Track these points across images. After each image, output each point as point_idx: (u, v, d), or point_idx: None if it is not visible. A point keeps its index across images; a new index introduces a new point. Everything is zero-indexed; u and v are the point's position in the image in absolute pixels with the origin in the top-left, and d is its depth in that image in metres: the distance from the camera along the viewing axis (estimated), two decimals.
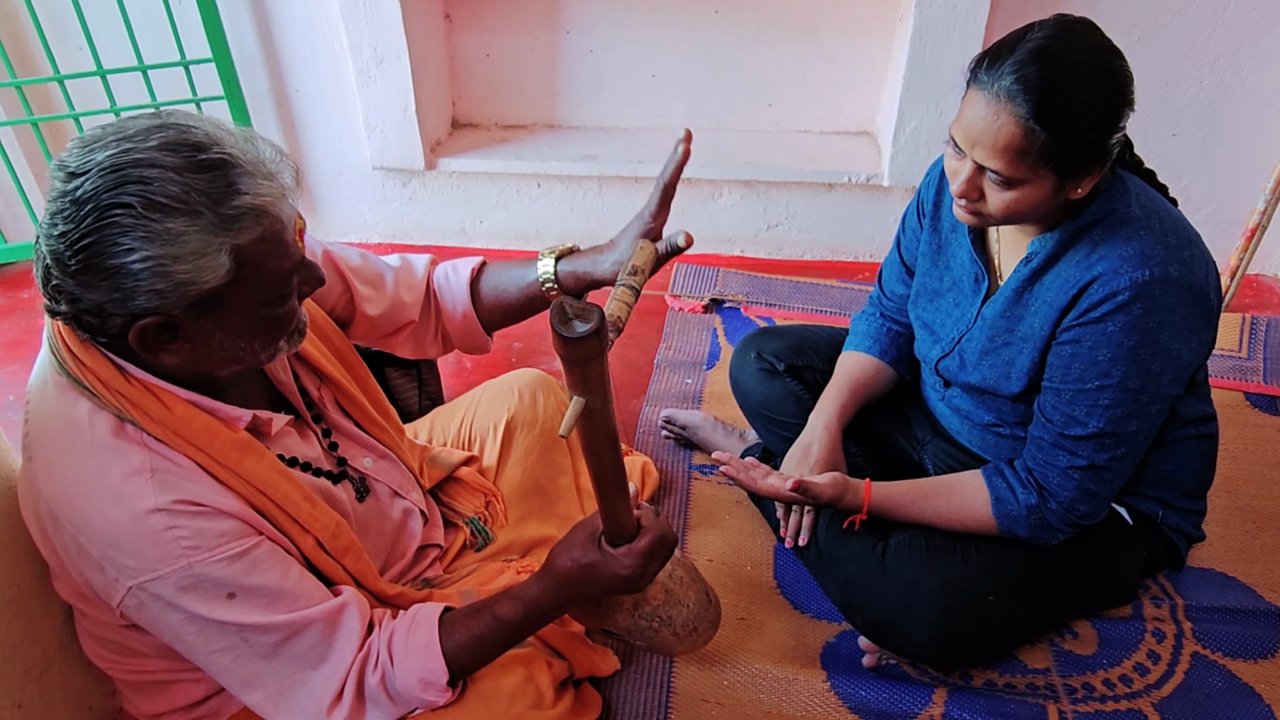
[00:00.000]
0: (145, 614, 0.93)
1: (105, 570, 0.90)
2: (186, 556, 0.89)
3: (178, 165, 0.80)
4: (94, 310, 0.84)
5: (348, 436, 1.18)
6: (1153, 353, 1.14)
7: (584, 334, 0.71)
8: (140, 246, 0.79)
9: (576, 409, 0.78)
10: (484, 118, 2.64)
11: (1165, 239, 1.14)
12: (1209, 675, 1.40)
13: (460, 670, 1.04)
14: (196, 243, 0.81)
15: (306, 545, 1.02)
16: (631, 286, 0.89)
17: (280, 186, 0.86)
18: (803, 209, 2.50)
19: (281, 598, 0.95)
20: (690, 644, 1.19)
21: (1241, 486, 1.74)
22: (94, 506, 0.89)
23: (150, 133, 0.81)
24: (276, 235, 0.87)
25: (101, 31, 2.21)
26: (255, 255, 0.85)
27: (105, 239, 0.79)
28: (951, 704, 1.35)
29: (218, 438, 0.95)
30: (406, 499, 1.25)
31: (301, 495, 1.01)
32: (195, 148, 0.82)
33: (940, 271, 1.39)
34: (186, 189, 0.80)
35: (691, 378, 2.08)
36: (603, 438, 0.87)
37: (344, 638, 1.00)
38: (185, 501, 0.90)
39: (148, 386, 0.92)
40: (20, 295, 2.43)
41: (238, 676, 0.97)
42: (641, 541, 1.03)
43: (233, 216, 0.82)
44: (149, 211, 0.79)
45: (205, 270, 0.82)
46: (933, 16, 2.10)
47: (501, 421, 1.47)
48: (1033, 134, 1.05)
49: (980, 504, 1.31)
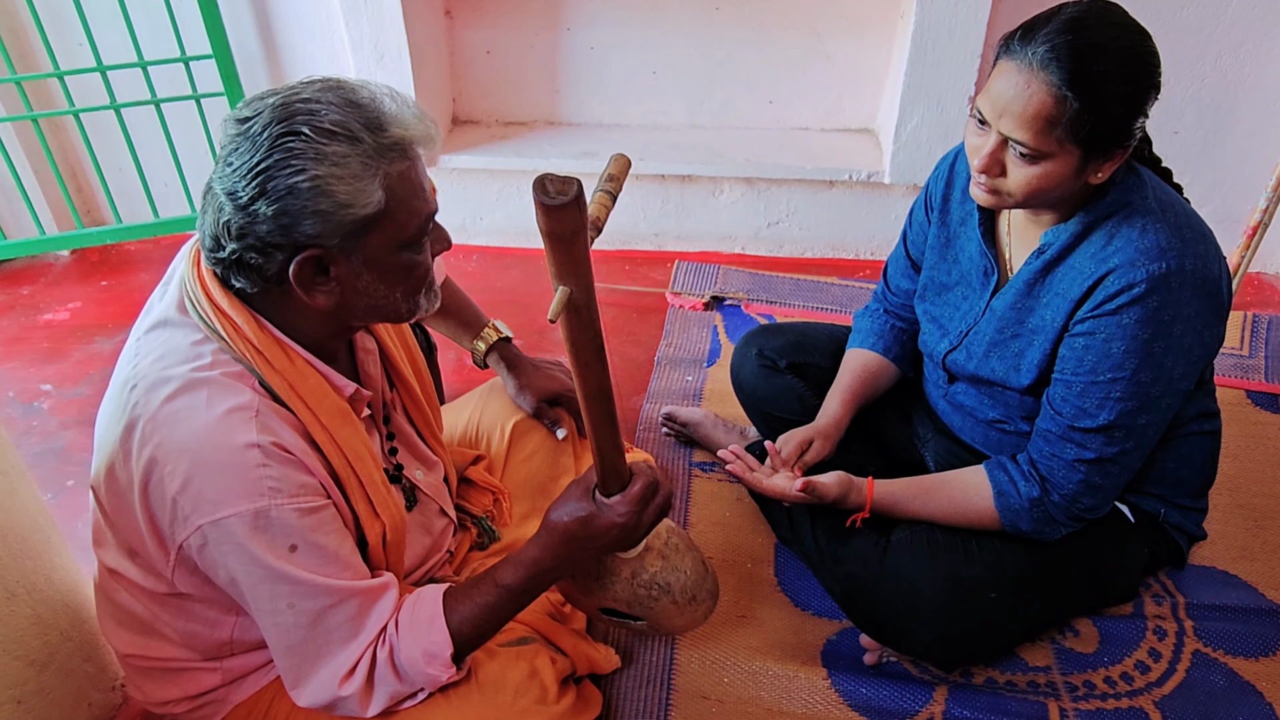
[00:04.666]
0: (206, 555, 0.95)
1: (179, 504, 0.92)
2: (269, 497, 0.92)
3: (338, 102, 0.90)
4: (259, 245, 0.90)
5: (407, 445, 1.21)
6: (1166, 346, 1.14)
7: (564, 202, 0.75)
8: (310, 166, 0.87)
9: (563, 297, 0.81)
10: (484, 115, 2.64)
11: (1181, 232, 1.14)
12: (1210, 673, 1.40)
13: (464, 642, 1.04)
14: (356, 166, 0.89)
15: (374, 532, 1.05)
16: (608, 191, 0.92)
17: (424, 129, 0.95)
18: (803, 206, 2.50)
19: (335, 561, 0.98)
20: (690, 615, 1.19)
21: (1243, 484, 1.74)
22: (194, 431, 0.92)
23: (309, 83, 0.92)
24: (417, 176, 0.95)
25: (101, 27, 2.21)
26: (401, 190, 0.93)
27: (279, 162, 0.87)
28: (952, 702, 1.35)
29: (327, 398, 1.01)
30: (448, 515, 1.28)
31: (381, 479, 1.05)
32: (350, 90, 0.92)
33: (948, 265, 1.39)
34: (348, 117, 0.89)
35: (692, 375, 2.08)
36: (589, 340, 0.88)
37: (375, 618, 1.02)
38: (280, 446, 0.94)
39: (277, 339, 0.98)
40: (21, 292, 2.43)
41: (275, 638, 0.99)
42: (634, 488, 1.03)
43: (386, 145, 0.91)
44: (318, 135, 0.87)
45: (362, 194, 0.90)
46: (934, 14, 2.10)
47: (510, 422, 1.48)
48: (1064, 102, 1.05)
49: (983, 498, 1.30)
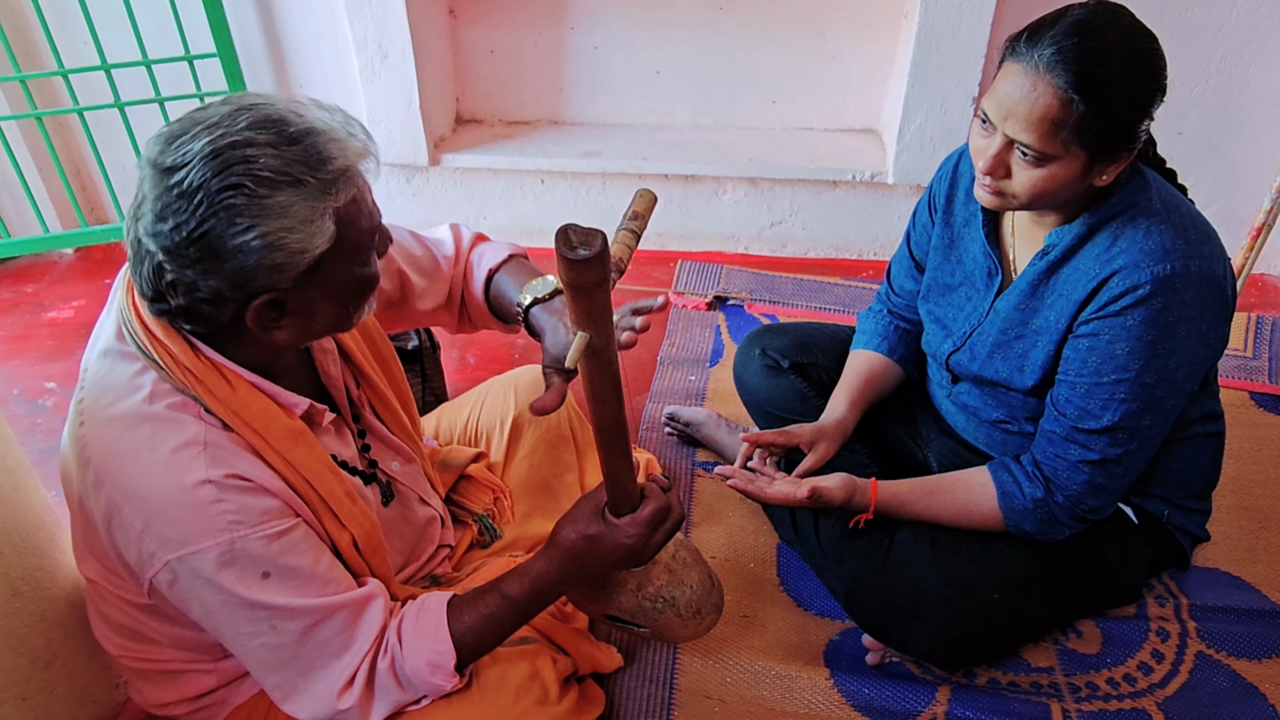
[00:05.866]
0: (177, 590, 0.93)
1: (144, 542, 0.91)
2: (230, 531, 0.90)
3: (272, 141, 0.83)
4: (211, 298, 0.86)
5: (380, 439, 1.19)
6: (1171, 348, 1.14)
7: (587, 257, 0.73)
8: (256, 223, 0.82)
9: (581, 343, 0.80)
10: (488, 114, 2.64)
11: (1185, 234, 1.13)
12: (1213, 675, 1.39)
13: (468, 653, 1.04)
14: (304, 211, 0.84)
15: (343, 541, 1.03)
16: (632, 230, 0.90)
17: (360, 144, 0.89)
18: (807, 206, 2.50)
19: (313, 581, 0.96)
20: (694, 628, 1.19)
21: (1247, 486, 1.73)
22: (143, 475, 0.90)
23: (232, 116, 0.83)
24: (362, 195, 0.91)
25: (106, 26, 2.21)
26: (349, 216, 0.88)
27: (222, 222, 0.81)
28: (955, 702, 1.35)
29: (274, 422, 0.97)
30: (430, 505, 1.26)
31: (344, 491, 1.03)
32: (280, 122, 0.84)
33: (952, 266, 1.39)
34: (286, 161, 0.82)
35: (695, 375, 2.08)
36: (606, 382, 0.88)
37: (366, 627, 1.01)
38: (234, 476, 0.91)
39: (216, 365, 0.94)
40: (24, 290, 2.43)
41: (260, 660, 0.98)
42: (644, 511, 1.03)
43: (330, 180, 0.85)
44: (259, 188, 0.81)
45: (315, 237, 0.85)
46: (938, 14, 2.10)
47: (509, 418, 1.47)
48: (1070, 106, 1.04)
49: (987, 499, 1.30)
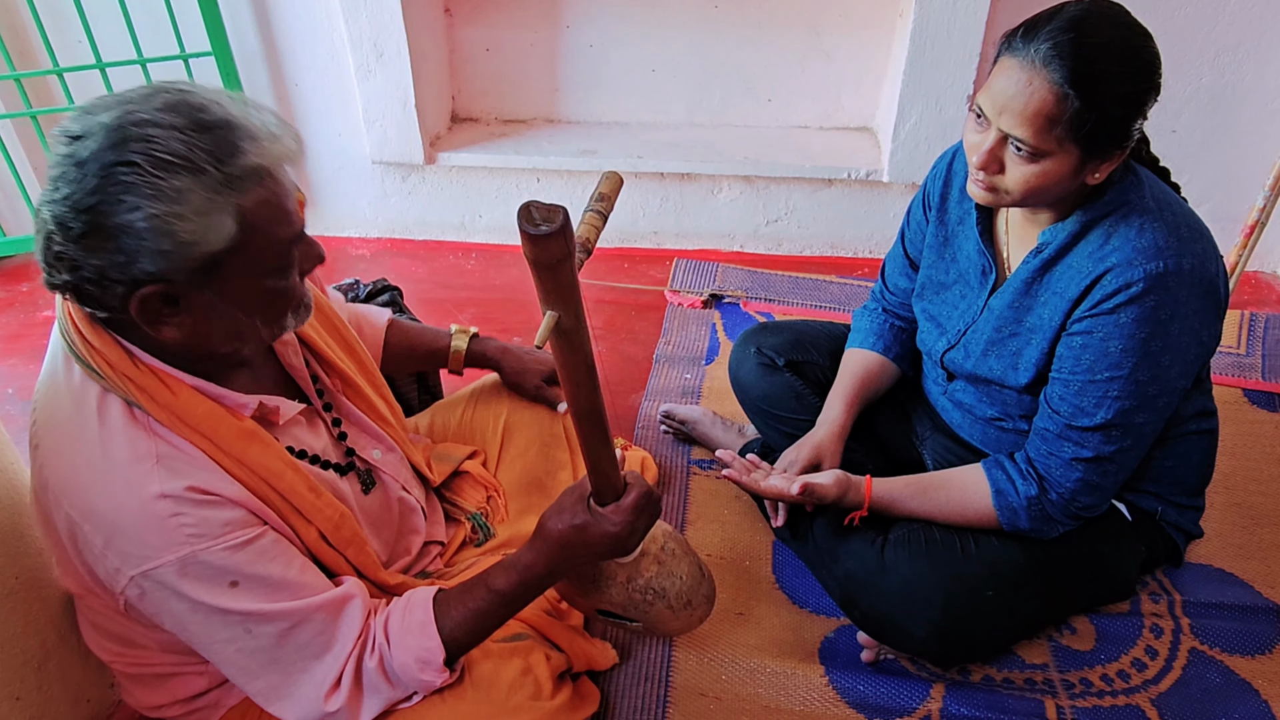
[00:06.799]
0: (148, 603, 0.92)
1: (107, 559, 0.90)
2: (190, 544, 0.89)
3: (181, 124, 0.80)
4: (95, 278, 0.82)
5: (357, 426, 1.18)
6: (1164, 345, 1.15)
7: (548, 232, 0.72)
8: (145, 204, 0.78)
9: (550, 322, 0.79)
10: (484, 112, 2.64)
11: (1178, 231, 1.14)
12: (1206, 671, 1.40)
13: (457, 647, 1.04)
14: (201, 201, 0.80)
15: (310, 537, 1.02)
16: (598, 211, 0.89)
17: (284, 148, 0.86)
18: (802, 205, 2.50)
19: (285, 587, 0.95)
20: (685, 619, 1.19)
21: (1240, 483, 1.74)
22: (99, 492, 0.88)
23: (151, 96, 0.81)
24: (279, 200, 0.86)
25: (101, 25, 2.21)
26: (258, 219, 0.84)
27: (110, 197, 0.78)
28: (950, 699, 1.35)
29: (222, 424, 0.94)
30: (410, 494, 1.25)
31: (306, 486, 1.01)
32: (197, 108, 0.81)
33: (946, 264, 1.39)
34: (190, 146, 0.79)
35: (690, 373, 2.08)
36: (580, 363, 0.87)
37: (347, 627, 1.00)
38: (192, 489, 0.90)
39: (154, 371, 0.92)
40: (20, 289, 2.43)
41: (240, 665, 0.97)
42: (628, 498, 1.04)
43: (236, 176, 0.81)
44: (154, 169, 0.78)
45: (209, 230, 0.81)
46: (933, 12, 2.10)
47: (502, 416, 1.47)
48: (1065, 101, 1.05)
49: (981, 497, 1.31)
